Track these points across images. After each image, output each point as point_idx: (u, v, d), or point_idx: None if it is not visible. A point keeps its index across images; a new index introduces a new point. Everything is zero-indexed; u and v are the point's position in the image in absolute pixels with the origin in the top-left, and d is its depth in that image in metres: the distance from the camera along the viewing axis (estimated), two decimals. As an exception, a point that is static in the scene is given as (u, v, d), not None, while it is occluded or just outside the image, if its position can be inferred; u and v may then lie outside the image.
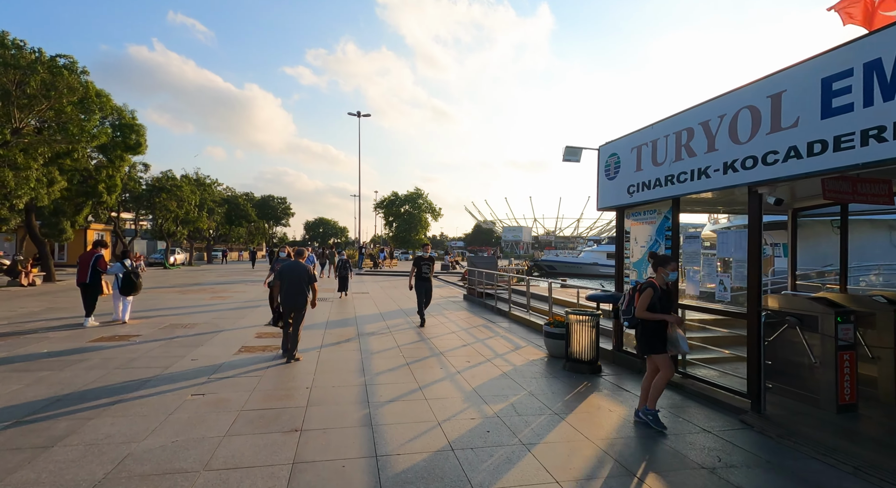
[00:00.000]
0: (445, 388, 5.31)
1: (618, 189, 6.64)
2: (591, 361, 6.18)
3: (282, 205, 78.71)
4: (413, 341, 7.96)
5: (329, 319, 10.21)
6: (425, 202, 71.76)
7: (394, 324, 9.77)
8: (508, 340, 8.24)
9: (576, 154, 6.97)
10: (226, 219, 51.94)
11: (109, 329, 8.65)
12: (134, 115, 20.49)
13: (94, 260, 9.17)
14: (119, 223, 25.31)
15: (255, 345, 7.41)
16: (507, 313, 11.04)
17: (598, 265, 58.98)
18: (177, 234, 33.63)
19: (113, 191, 20.98)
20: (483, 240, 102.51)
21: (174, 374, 5.64)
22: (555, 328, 6.95)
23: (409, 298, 14.64)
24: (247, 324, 9.38)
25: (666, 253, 5.90)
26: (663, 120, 5.80)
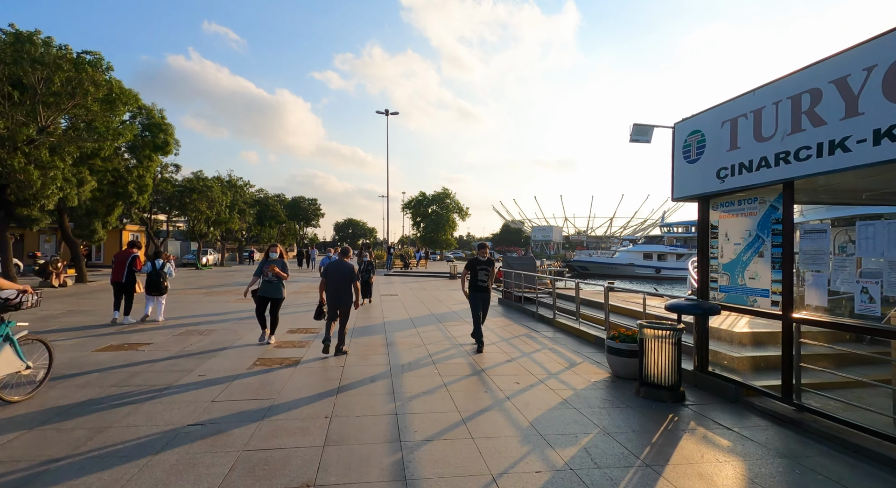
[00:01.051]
0: (495, 421, 4.25)
1: (702, 174, 5.41)
2: (673, 387, 4.99)
3: (312, 207, 79.51)
4: (449, 354, 6.94)
5: (355, 326, 9.31)
6: (453, 202, 70.95)
7: (426, 332, 8.78)
8: (558, 354, 7.10)
9: (645, 133, 5.82)
10: (257, 220, 52.53)
11: (122, 337, 8.01)
12: (163, 115, 20.36)
13: (131, 260, 9.53)
14: (151, 224, 25.45)
15: (274, 356, 6.55)
16: (550, 321, 9.88)
17: (635, 266, 56.64)
18: (209, 235, 33.84)
19: (144, 191, 20.90)
20: (511, 241, 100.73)
21: (174, 396, 4.80)
22: (622, 343, 5.78)
23: (440, 302, 13.65)
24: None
25: (774, 251, 4.66)
26: (771, 83, 4.56)
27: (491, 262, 7.51)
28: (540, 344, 7.87)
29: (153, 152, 19.90)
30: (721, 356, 5.63)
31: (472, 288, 7.37)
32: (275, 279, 7.22)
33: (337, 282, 6.64)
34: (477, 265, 7.38)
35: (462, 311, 11.73)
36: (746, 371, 5.43)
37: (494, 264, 7.68)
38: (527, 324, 9.91)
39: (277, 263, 7.29)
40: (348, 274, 6.71)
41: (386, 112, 34.00)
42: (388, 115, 34.16)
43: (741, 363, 5.48)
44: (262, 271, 7.25)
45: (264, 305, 7.35)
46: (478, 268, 7.36)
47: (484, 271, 7.36)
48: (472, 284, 7.38)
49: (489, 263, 7.46)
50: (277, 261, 7.36)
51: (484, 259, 7.42)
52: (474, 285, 7.37)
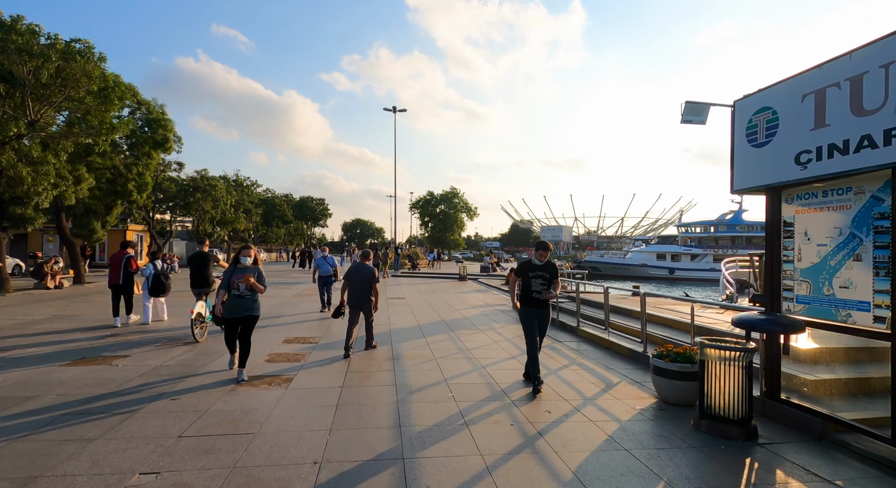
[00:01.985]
0: (528, 470, 3.35)
1: (773, 159, 4.46)
2: (743, 420, 4.05)
3: (320, 207, 79.14)
4: (464, 370, 6.04)
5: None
6: (461, 201, 70.08)
7: (437, 343, 7.88)
8: (589, 371, 6.17)
9: (700, 112, 4.90)
10: (263, 220, 52.07)
11: (98, 348, 7.22)
12: (163, 110, 19.70)
13: (126, 261, 9.25)
14: (154, 223, 24.90)
15: (262, 374, 5.70)
16: (573, 329, 8.94)
17: (648, 267, 55.30)
18: (214, 235, 33.29)
19: (144, 189, 20.27)
20: (520, 241, 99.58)
21: (134, 428, 3.96)
22: (673, 363, 4.84)
23: (450, 307, 12.76)
24: (260, 339, 7.75)
25: (877, 253, 3.70)
26: (876, 41, 3.61)
27: (552, 268, 5.41)
28: (566, 357, 6.94)
29: (153, 149, 19.24)
30: (797, 379, 4.67)
31: (526, 301, 5.42)
32: (247, 293, 5.39)
33: (358, 285, 6.84)
34: (530, 271, 5.38)
35: (475, 318, 10.83)
36: (832, 399, 4.47)
37: (558, 271, 5.50)
38: (547, 333, 8.97)
39: (252, 272, 5.48)
40: (369, 277, 6.86)
41: (393, 109, 33.37)
42: (396, 112, 33.54)
43: (824, 388, 4.52)
44: (231, 283, 5.36)
45: (234, 328, 5.49)
46: (532, 275, 5.36)
47: (541, 279, 5.34)
48: (524, 297, 5.44)
49: (549, 269, 5.39)
50: (251, 268, 5.53)
51: (541, 263, 5.39)
52: (528, 298, 5.40)
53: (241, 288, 5.35)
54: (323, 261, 10.82)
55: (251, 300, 5.45)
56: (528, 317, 5.48)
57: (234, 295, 5.37)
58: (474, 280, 23.48)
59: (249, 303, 5.43)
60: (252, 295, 5.45)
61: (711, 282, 49.65)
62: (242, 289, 5.36)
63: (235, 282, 5.36)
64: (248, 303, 5.42)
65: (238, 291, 5.36)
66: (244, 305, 5.39)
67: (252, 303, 5.45)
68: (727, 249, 51.86)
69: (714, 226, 52.71)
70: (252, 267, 5.57)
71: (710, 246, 53.11)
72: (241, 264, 5.51)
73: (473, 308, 12.68)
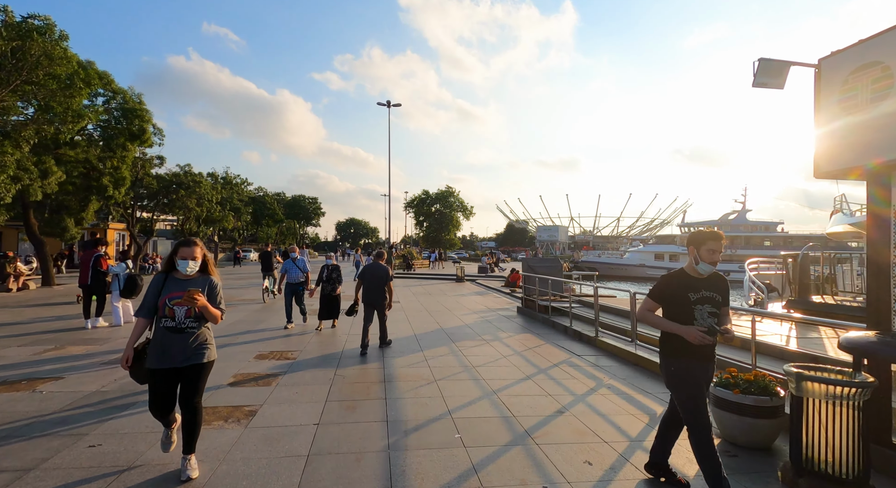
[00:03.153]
0: None
1: (882, 130, 3.39)
2: (859, 481, 2.98)
3: (313, 205, 77.83)
4: (472, 397, 4.93)
5: (345, 348, 7.31)
6: (457, 200, 69.03)
7: (436, 358, 6.76)
8: (622, 396, 5.08)
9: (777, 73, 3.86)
10: (253, 219, 50.68)
11: (31, 366, 6.04)
12: (141, 100, 18.42)
13: (94, 260, 8.82)
14: (134, 222, 23.59)
15: (221, 405, 4.56)
16: (591, 340, 7.86)
17: (646, 267, 54.54)
18: (199, 234, 31.95)
19: (121, 184, 18.98)
20: (516, 241, 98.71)
21: (16, 499, 2.81)
22: (746, 395, 3.75)
23: (449, 312, 11.65)
24: (228, 355, 6.60)
25: None
26: None
27: (723, 285, 3.00)
28: (590, 377, 5.85)
29: (129, 141, 17.97)
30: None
31: (683, 349, 2.88)
32: (191, 325, 3.07)
33: (373, 284, 7.02)
34: (691, 291, 2.91)
35: (478, 325, 9.73)
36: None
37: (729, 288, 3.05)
38: (560, 344, 7.90)
39: (199, 285, 3.13)
40: (383, 275, 7.07)
41: (388, 103, 32.35)
42: (390, 106, 32.53)
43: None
44: (160, 306, 3.05)
45: (168, 387, 3.08)
46: (695, 298, 2.90)
47: (710, 305, 2.91)
48: (673, 340, 2.92)
49: (719, 286, 2.97)
50: (198, 280, 3.17)
51: (705, 274, 2.94)
52: (690, 349, 2.86)
53: (177, 315, 3.02)
54: (291, 265, 8.81)
55: (197, 337, 3.08)
56: (693, 377, 2.84)
57: (166, 328, 3.01)
58: (472, 281, 22.40)
59: (194, 343, 3.05)
60: (198, 326, 3.09)
61: (711, 282, 48.97)
62: (181, 318, 3.03)
63: (168, 306, 3.01)
64: (192, 343, 3.04)
65: (174, 322, 3.01)
66: (184, 346, 3.01)
67: (199, 343, 3.08)
68: (726, 250, 51.33)
69: (717, 226, 52.10)
70: (199, 277, 3.19)
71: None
72: (179, 268, 3.12)
73: (474, 313, 11.59)
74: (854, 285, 9.31)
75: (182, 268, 3.12)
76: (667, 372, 2.99)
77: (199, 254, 3.17)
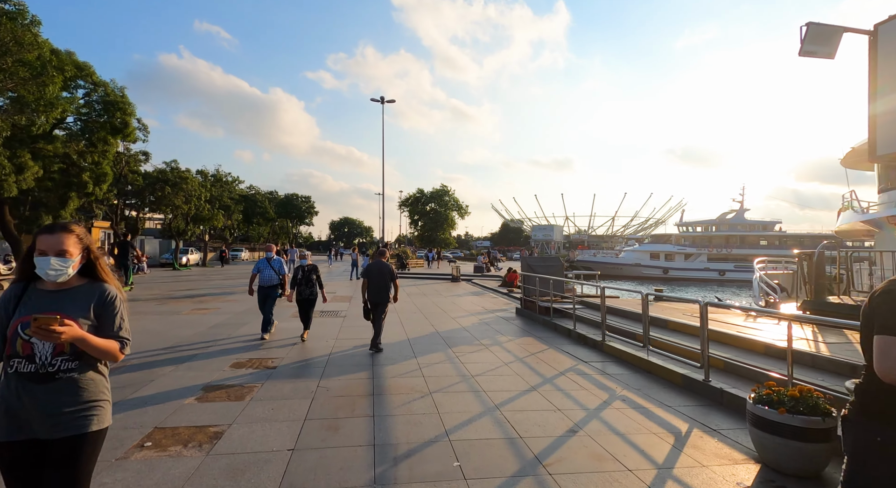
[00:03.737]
0: None
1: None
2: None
3: (306, 204, 76.82)
4: (472, 414, 4.36)
5: (331, 353, 6.72)
6: (452, 199, 68.51)
7: (431, 366, 6.19)
8: (641, 410, 4.54)
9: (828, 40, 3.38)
10: (244, 218, 49.77)
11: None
12: (123, 93, 17.68)
13: None
14: (117, 220, 22.78)
15: (181, 425, 3.96)
16: (597, 344, 7.32)
17: (641, 266, 54.31)
18: (188, 233, 31.13)
19: (102, 181, 18.22)
20: (511, 240, 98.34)
21: None
22: (793, 415, 3.21)
23: (444, 313, 11.08)
24: (201, 366, 6.00)
25: None
26: None
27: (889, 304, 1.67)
28: (601, 387, 5.30)
29: (111, 135, 17.22)
30: None
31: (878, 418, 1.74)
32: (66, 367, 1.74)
33: (378, 282, 7.02)
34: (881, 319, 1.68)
35: (475, 329, 9.17)
36: None
37: None
38: (564, 348, 7.36)
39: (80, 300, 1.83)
40: (389, 273, 7.09)
41: (381, 100, 31.77)
42: (384, 102, 31.93)
43: None
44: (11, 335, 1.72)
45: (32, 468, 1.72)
46: None
47: None
48: None
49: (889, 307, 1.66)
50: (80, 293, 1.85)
51: None
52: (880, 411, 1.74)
53: (39, 353, 1.72)
54: (265, 265, 7.61)
55: (76, 388, 1.77)
56: None
57: (21, 374, 1.71)
58: (468, 281, 21.85)
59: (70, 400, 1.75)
60: (79, 369, 1.78)
61: (706, 281, 48.83)
62: (46, 357, 1.73)
63: (21, 337, 1.72)
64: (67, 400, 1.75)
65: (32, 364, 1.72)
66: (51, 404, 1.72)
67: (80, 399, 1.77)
68: (721, 249, 51.14)
69: (715, 225, 51.88)
70: (83, 286, 1.89)
71: (704, 245, 52.38)
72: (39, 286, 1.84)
73: (471, 315, 11.03)
74: (871, 285, 8.85)
75: (42, 270, 1.77)
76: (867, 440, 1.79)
77: (71, 245, 1.80)
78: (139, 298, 13.01)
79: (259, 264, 7.72)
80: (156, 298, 13.12)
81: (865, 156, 2.75)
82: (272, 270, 7.62)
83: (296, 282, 7.71)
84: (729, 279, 49.61)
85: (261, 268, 7.66)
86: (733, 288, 44.76)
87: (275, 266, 7.66)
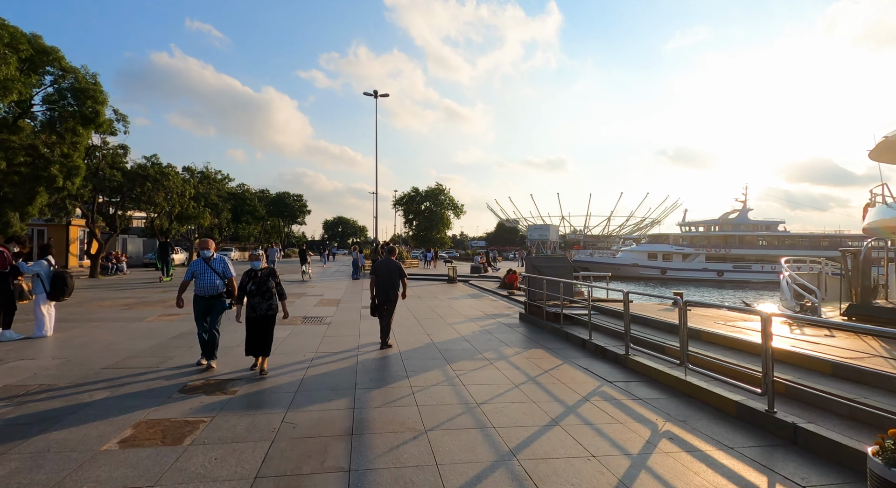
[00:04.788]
0: None
1: None
2: None
3: (298, 203, 75.43)
4: (483, 467, 3.30)
5: (307, 372, 5.64)
6: (447, 198, 67.46)
7: (426, 390, 5.13)
8: (693, 451, 3.51)
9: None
10: (233, 217, 48.40)
11: None
12: (96, 80, 16.44)
13: None
14: (95, 217, 21.47)
15: (97, 475, 2.88)
16: (620, 358, 6.30)
17: (639, 266, 53.60)
18: (171, 231, 29.84)
19: (74, 175, 16.94)
20: (507, 240, 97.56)
21: None
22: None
23: (440, 319, 10.02)
24: (140, 394, 4.90)
25: None
26: None
27: None
28: (639, 419, 4.26)
29: (81, 125, 15.98)
30: None
31: None
32: None
33: (387, 280, 7.00)
34: None
35: (476, 338, 8.12)
36: None
37: None
38: (579, 363, 6.33)
39: None
40: (397, 271, 7.09)
41: (375, 93, 30.71)
42: (377, 97, 30.88)
43: None
44: None
45: None
46: None
47: None
48: None
49: None
50: None
51: None
52: None
53: None
54: (203, 269, 5.62)
55: None
56: None
57: None
58: (465, 282, 20.79)
59: None
60: None
61: (704, 282, 48.17)
62: None
63: None
64: None
65: None
66: None
67: None
68: (719, 249, 50.51)
69: (718, 225, 51.21)
70: None
71: (702, 245, 51.78)
72: None
73: (470, 321, 9.98)
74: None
75: None
76: None
77: None
78: (105, 299, 11.84)
79: (193, 267, 5.59)
80: (125, 302, 11.95)
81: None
82: (214, 275, 5.61)
83: (245, 291, 5.46)
84: (727, 279, 49.02)
85: (196, 272, 5.58)
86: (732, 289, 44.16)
87: (217, 268, 5.66)
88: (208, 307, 5.63)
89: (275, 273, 5.69)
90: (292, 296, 13.71)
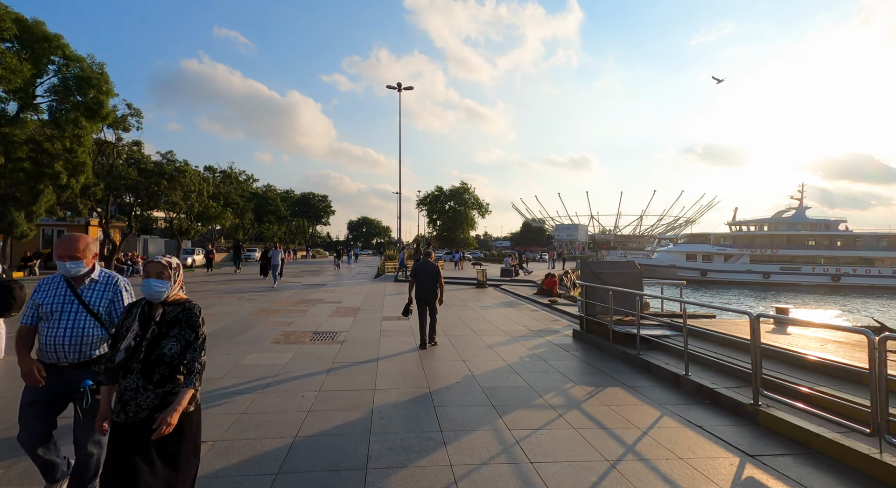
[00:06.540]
0: None
1: None
2: None
3: (322, 203, 75.01)
4: None
5: (303, 425, 3.98)
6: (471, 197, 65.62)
7: (473, 469, 3.38)
8: None
9: None
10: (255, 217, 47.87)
11: None
12: (103, 70, 15.40)
13: None
14: (108, 217, 20.69)
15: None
16: (743, 409, 4.41)
17: (677, 268, 50.41)
18: (191, 232, 29.10)
19: (80, 171, 16.02)
20: (533, 240, 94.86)
21: None
22: None
23: (477, 337, 8.23)
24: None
25: None
26: None
27: None
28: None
29: (84, 118, 14.94)
30: None
31: None
32: None
33: (426, 281, 7.22)
34: None
35: (527, 369, 6.30)
36: None
37: None
38: (683, 415, 4.47)
39: None
40: (435, 272, 7.24)
41: (398, 86, 29.12)
42: (401, 90, 29.29)
43: None
44: None
45: None
46: None
47: None
48: None
49: None
50: None
51: None
52: None
53: None
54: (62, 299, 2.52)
55: None
56: None
57: None
58: (496, 287, 18.96)
59: None
60: None
61: (749, 284, 44.82)
62: None
63: None
64: None
65: None
66: None
67: None
68: (766, 249, 47.01)
69: (773, 224, 47.71)
70: None
71: (746, 245, 48.36)
72: None
73: (513, 340, 8.18)
74: None
75: None
76: None
77: None
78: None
79: (39, 297, 2.55)
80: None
81: None
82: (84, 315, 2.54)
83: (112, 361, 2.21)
84: (774, 282, 45.49)
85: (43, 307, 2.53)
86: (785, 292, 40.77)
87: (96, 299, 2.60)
88: (65, 390, 2.54)
89: (193, 316, 2.29)
90: (308, 302, 12.15)
